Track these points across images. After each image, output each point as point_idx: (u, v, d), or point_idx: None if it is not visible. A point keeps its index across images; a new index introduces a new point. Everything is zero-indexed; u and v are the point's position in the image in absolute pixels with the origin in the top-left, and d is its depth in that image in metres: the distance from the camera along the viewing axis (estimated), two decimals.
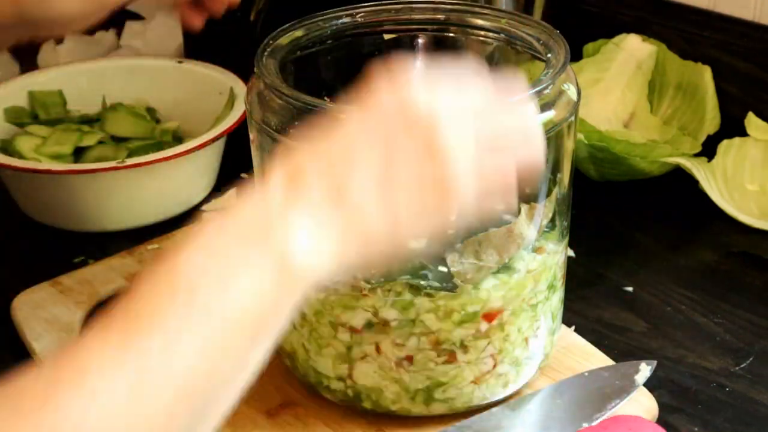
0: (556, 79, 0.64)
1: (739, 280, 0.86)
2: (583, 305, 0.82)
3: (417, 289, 0.64)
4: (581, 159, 0.95)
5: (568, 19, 1.06)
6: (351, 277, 0.64)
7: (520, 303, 0.67)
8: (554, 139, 0.65)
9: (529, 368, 0.70)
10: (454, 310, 0.65)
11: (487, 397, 0.69)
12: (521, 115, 0.55)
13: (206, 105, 1.01)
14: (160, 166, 0.90)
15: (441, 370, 0.67)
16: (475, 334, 0.66)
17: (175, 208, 0.95)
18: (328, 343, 0.67)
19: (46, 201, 0.92)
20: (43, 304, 0.81)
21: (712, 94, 1.00)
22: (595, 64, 1.04)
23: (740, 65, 1.00)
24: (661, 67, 1.03)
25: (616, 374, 0.71)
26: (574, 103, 0.66)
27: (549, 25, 0.69)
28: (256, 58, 0.66)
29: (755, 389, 0.73)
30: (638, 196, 0.97)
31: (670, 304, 0.83)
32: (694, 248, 0.91)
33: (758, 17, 1.00)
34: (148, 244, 0.89)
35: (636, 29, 1.05)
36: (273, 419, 0.70)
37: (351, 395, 0.69)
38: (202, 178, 0.97)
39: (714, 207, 0.93)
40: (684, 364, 0.76)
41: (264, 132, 0.65)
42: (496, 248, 0.65)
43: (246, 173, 1.01)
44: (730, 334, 0.79)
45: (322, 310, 0.66)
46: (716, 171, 0.94)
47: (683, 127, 1.01)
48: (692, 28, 1.03)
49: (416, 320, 0.65)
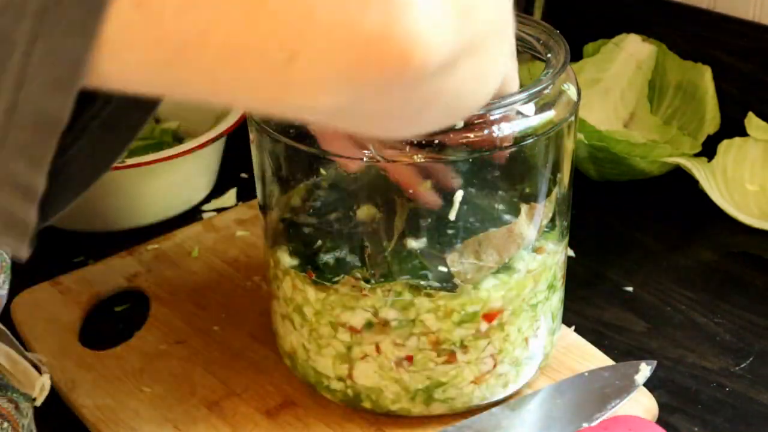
0: (556, 79, 0.64)
1: (739, 280, 0.86)
2: (583, 305, 0.82)
3: (417, 289, 0.64)
4: (581, 159, 0.95)
5: (568, 19, 1.06)
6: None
7: (520, 303, 0.67)
8: (554, 139, 0.65)
9: (529, 368, 0.70)
10: (454, 310, 0.65)
11: (487, 397, 0.69)
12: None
13: (206, 105, 1.01)
14: (160, 166, 0.90)
15: (441, 370, 0.67)
16: (475, 334, 0.66)
17: (175, 208, 0.95)
18: (328, 343, 0.67)
19: None
20: (43, 304, 0.81)
21: (712, 94, 1.00)
22: (595, 64, 1.04)
23: (740, 65, 1.00)
24: (661, 67, 1.03)
25: (616, 374, 0.71)
26: (574, 103, 0.66)
27: (549, 25, 0.69)
28: None
29: (755, 389, 0.73)
30: (638, 196, 0.97)
31: (670, 304, 0.83)
32: (694, 248, 0.91)
33: (758, 17, 1.00)
34: (148, 244, 0.89)
35: (636, 29, 1.05)
36: (273, 419, 0.70)
37: (351, 395, 0.69)
38: (202, 178, 0.97)
39: (714, 207, 0.93)
40: (684, 364, 0.76)
41: (264, 132, 0.65)
42: (496, 248, 0.65)
43: (246, 173, 1.02)
44: (730, 334, 0.79)
45: (322, 310, 0.67)
46: (716, 171, 0.94)
47: (683, 127, 1.01)
48: (692, 28, 1.03)
49: (416, 320, 0.65)
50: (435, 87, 0.39)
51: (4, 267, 0.58)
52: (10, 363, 0.60)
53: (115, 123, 0.40)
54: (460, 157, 0.62)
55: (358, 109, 0.39)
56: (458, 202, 0.63)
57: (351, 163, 0.64)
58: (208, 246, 0.88)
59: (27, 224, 0.36)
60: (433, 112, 0.42)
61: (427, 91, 0.39)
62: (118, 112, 0.40)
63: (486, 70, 0.43)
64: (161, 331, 0.78)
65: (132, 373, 0.74)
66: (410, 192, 0.65)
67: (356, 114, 0.40)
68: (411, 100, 0.39)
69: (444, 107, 0.43)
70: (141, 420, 0.70)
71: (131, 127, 0.40)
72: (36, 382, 0.60)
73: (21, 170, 0.35)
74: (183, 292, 0.83)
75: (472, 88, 0.43)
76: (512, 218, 0.66)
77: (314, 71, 0.36)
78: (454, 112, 0.46)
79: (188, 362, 0.75)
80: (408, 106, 0.40)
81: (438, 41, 0.37)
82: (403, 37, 0.36)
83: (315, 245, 0.68)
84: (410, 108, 0.40)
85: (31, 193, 0.36)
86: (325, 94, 0.37)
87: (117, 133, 0.40)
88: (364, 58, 0.36)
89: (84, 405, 0.71)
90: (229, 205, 0.98)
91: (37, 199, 0.36)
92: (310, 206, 0.70)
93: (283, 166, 0.68)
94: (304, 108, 0.38)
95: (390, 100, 0.38)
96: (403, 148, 0.60)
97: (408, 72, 0.36)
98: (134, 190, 0.91)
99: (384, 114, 0.40)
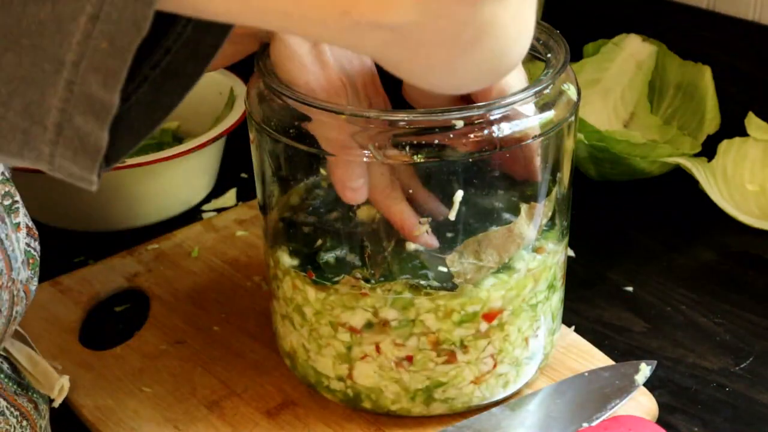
0: (556, 79, 0.64)
1: (739, 280, 0.86)
2: (583, 305, 0.82)
3: (417, 289, 0.64)
4: (581, 159, 0.95)
5: (568, 19, 1.06)
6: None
7: (520, 303, 0.67)
8: (554, 139, 0.65)
9: (529, 368, 0.70)
10: (454, 309, 0.65)
11: (487, 397, 0.69)
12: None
13: (206, 105, 1.01)
14: (160, 166, 0.90)
15: (441, 370, 0.67)
16: (475, 334, 0.66)
17: (175, 208, 0.95)
18: (328, 343, 0.67)
19: (46, 201, 0.92)
20: (43, 304, 0.81)
21: (712, 94, 1.00)
22: (595, 64, 1.04)
23: (740, 65, 1.00)
24: (661, 67, 1.03)
25: (616, 374, 0.71)
26: (574, 103, 0.66)
27: (549, 25, 0.69)
28: (256, 57, 0.66)
29: (755, 389, 0.73)
30: (638, 196, 0.97)
31: (670, 304, 0.83)
32: (694, 248, 0.91)
33: (758, 17, 1.00)
34: (148, 244, 0.89)
35: (636, 29, 1.05)
36: (273, 419, 0.70)
37: (351, 395, 0.69)
38: (202, 178, 0.97)
39: (714, 207, 0.93)
40: (684, 364, 0.76)
41: (264, 132, 0.65)
42: (496, 248, 0.65)
43: (246, 173, 1.02)
44: (730, 334, 0.79)
45: (322, 310, 0.67)
46: (716, 171, 0.94)
47: (683, 127, 1.01)
48: (692, 28, 1.03)
49: (416, 320, 0.65)
50: (490, 13, 0.41)
51: (33, 263, 0.59)
52: (30, 364, 0.61)
53: (174, 72, 0.41)
54: (460, 157, 0.62)
55: (421, 32, 0.40)
56: (458, 202, 0.63)
57: (349, 192, 0.64)
58: (208, 246, 0.88)
59: (98, 148, 0.37)
60: (482, 49, 0.43)
61: (484, 17, 0.41)
62: (177, 61, 0.41)
63: (527, 17, 0.45)
64: (161, 331, 0.78)
65: (132, 373, 0.74)
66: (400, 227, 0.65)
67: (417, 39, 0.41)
68: (469, 24, 0.41)
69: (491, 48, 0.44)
70: (141, 420, 0.70)
71: (189, 75, 0.42)
72: (55, 383, 0.61)
73: (97, 85, 0.36)
74: (183, 292, 0.83)
75: (516, 31, 0.45)
76: (512, 218, 0.66)
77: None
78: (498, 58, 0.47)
79: (188, 362, 0.75)
80: (465, 31, 0.41)
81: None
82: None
83: (315, 245, 0.68)
84: (466, 35, 0.42)
85: (105, 112, 0.36)
86: (394, 4, 0.38)
87: (176, 82, 0.42)
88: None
89: (84, 405, 0.71)
90: (229, 205, 0.98)
91: (109, 119, 0.37)
92: (310, 206, 0.70)
93: (283, 166, 0.68)
94: (372, 22, 0.39)
95: (452, 18, 0.40)
96: (404, 149, 0.60)
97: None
98: (134, 190, 0.91)
99: (441, 41, 0.42)
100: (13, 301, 0.56)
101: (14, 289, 0.56)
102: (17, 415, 0.59)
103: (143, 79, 0.41)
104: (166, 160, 0.89)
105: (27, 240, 0.58)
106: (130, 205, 0.92)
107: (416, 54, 0.43)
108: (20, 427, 0.59)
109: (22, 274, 0.57)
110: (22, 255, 0.57)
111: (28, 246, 0.58)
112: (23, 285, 0.57)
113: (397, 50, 0.42)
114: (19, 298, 0.57)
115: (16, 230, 0.57)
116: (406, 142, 0.60)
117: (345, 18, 0.38)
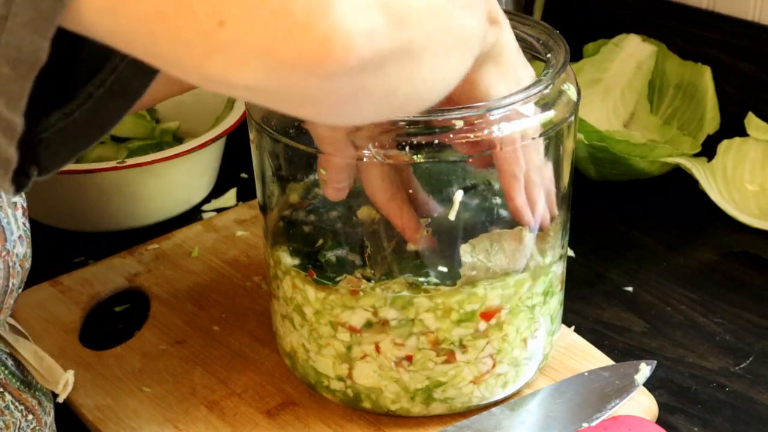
0: (556, 79, 0.64)
1: (739, 280, 0.86)
2: (583, 305, 0.82)
3: (416, 287, 0.64)
4: (581, 159, 0.95)
5: (568, 19, 1.06)
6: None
7: (518, 302, 0.67)
8: (554, 139, 0.65)
9: (528, 369, 0.70)
10: (453, 308, 0.65)
11: (487, 397, 0.69)
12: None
13: (206, 105, 1.01)
14: (160, 166, 0.90)
15: (440, 369, 0.67)
16: (474, 333, 0.66)
17: (175, 208, 0.95)
18: (328, 342, 0.67)
19: (46, 201, 0.92)
20: (43, 304, 0.81)
21: (712, 94, 1.00)
22: (595, 64, 1.04)
23: (740, 65, 1.00)
24: (661, 67, 1.03)
25: (616, 374, 0.71)
26: (574, 103, 0.66)
27: (549, 25, 0.69)
28: None
29: (755, 389, 0.73)
30: (638, 196, 0.97)
31: (670, 304, 0.83)
32: (694, 248, 0.91)
33: (758, 17, 1.00)
34: (148, 244, 0.89)
35: (636, 29, 1.05)
36: (273, 419, 0.70)
37: (351, 395, 0.69)
38: (202, 178, 0.97)
39: (714, 207, 0.93)
40: (684, 364, 0.76)
41: (264, 132, 0.65)
42: (504, 252, 0.65)
43: (246, 173, 1.02)
44: (730, 334, 0.79)
45: (322, 310, 0.67)
46: (716, 171, 0.94)
47: (683, 127, 1.01)
48: (692, 28, 1.03)
49: (415, 320, 0.65)
50: (358, 83, 0.41)
51: (28, 243, 0.60)
52: (36, 359, 0.61)
53: (117, 91, 0.44)
54: (460, 157, 0.62)
55: (276, 91, 0.41)
56: (458, 202, 0.63)
57: (332, 190, 0.64)
58: (208, 246, 0.88)
59: (8, 161, 0.40)
60: (362, 105, 0.44)
61: (350, 86, 0.41)
62: (122, 80, 0.43)
63: (425, 77, 0.45)
64: (161, 331, 0.78)
65: (132, 372, 0.74)
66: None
67: (275, 95, 0.41)
68: (332, 91, 0.41)
69: (374, 103, 0.44)
70: (141, 420, 0.70)
71: (131, 94, 0.44)
72: (60, 378, 0.61)
73: (2, 107, 0.39)
74: (183, 292, 0.83)
75: (406, 91, 0.45)
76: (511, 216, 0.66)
77: (238, 43, 0.38)
78: (388, 109, 0.48)
79: (188, 362, 0.75)
80: (330, 96, 0.41)
81: (361, 41, 0.39)
82: (325, 31, 0.38)
83: (316, 244, 0.68)
84: (333, 98, 0.42)
85: (10, 130, 0.39)
86: (244, 67, 0.39)
87: (118, 100, 0.44)
88: (284, 41, 0.38)
89: (84, 405, 0.71)
90: (229, 205, 0.98)
91: (16, 138, 0.39)
92: (310, 205, 0.70)
93: (283, 166, 0.68)
94: (224, 81, 0.40)
95: (307, 87, 0.40)
96: (404, 149, 0.60)
97: (325, 65, 0.38)
98: (134, 190, 0.91)
99: (304, 99, 0.42)
100: (9, 273, 0.56)
101: (9, 261, 0.56)
102: (22, 410, 0.60)
103: (87, 96, 0.43)
104: (166, 160, 0.89)
105: (23, 220, 0.58)
106: (130, 205, 0.92)
107: (284, 105, 0.43)
108: (26, 422, 0.60)
109: (18, 249, 0.57)
110: (19, 230, 0.57)
111: (25, 226, 0.59)
112: (19, 259, 0.57)
113: (265, 102, 0.43)
114: (15, 272, 0.57)
115: (13, 208, 0.57)
116: (406, 142, 0.60)
117: (201, 72, 0.39)
